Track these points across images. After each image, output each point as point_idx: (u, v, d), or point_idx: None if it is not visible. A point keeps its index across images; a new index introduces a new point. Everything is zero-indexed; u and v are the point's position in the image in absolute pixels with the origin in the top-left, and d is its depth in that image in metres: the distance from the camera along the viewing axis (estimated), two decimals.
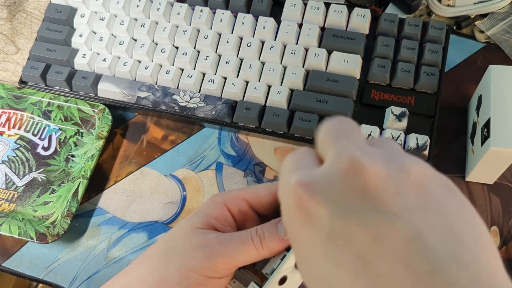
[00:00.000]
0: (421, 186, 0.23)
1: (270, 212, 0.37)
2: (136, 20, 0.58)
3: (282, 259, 0.34)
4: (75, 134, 0.56)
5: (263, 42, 0.55)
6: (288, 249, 0.34)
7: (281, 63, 0.54)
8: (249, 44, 0.54)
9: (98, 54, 0.57)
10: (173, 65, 0.55)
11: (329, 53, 0.54)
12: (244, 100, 0.53)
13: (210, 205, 0.36)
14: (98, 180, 0.54)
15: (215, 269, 0.34)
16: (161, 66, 0.56)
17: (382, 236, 0.21)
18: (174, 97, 0.54)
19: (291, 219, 0.24)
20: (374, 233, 0.21)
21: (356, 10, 0.55)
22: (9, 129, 0.56)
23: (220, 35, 0.56)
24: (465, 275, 0.20)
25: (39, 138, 0.56)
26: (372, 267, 0.21)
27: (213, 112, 0.53)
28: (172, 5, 0.57)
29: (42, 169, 0.54)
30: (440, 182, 0.24)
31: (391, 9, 0.60)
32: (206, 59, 0.54)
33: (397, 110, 0.50)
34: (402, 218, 0.21)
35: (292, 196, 0.24)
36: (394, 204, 0.22)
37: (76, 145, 0.55)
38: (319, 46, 0.55)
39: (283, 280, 0.35)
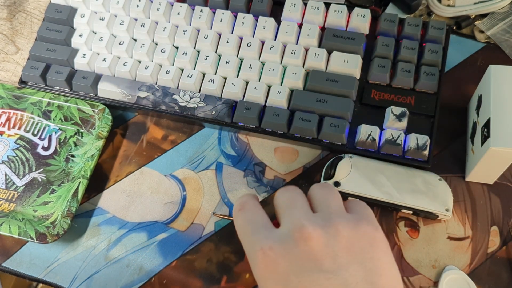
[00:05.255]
0: (349, 246, 0.32)
1: None
2: (136, 20, 0.58)
3: None
4: (75, 134, 0.56)
5: (263, 42, 0.55)
6: None
7: (281, 63, 0.54)
8: (249, 44, 0.54)
9: (98, 54, 0.57)
10: (173, 65, 0.55)
11: (329, 53, 0.54)
12: (244, 100, 0.53)
13: None
14: (98, 180, 0.54)
15: None
16: (161, 66, 0.56)
17: (319, 284, 0.30)
18: (174, 97, 0.54)
19: (260, 273, 0.33)
20: (318, 286, 0.30)
21: (356, 10, 0.55)
22: (9, 129, 0.56)
23: (220, 35, 0.56)
24: None
25: (39, 138, 0.56)
26: None
27: (213, 112, 0.53)
28: (172, 5, 0.57)
29: (42, 169, 0.54)
30: (367, 240, 0.32)
31: (391, 9, 0.60)
32: (206, 59, 0.54)
33: (397, 110, 0.50)
34: (335, 274, 0.30)
35: (261, 256, 0.32)
36: (330, 264, 0.31)
37: (76, 145, 0.55)
38: (319, 46, 0.55)
39: None
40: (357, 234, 0.32)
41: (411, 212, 0.49)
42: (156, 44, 0.56)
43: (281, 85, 0.53)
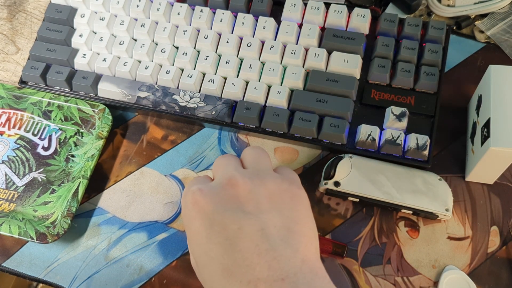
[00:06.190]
0: (271, 196, 0.36)
1: None
2: (136, 20, 0.58)
3: None
4: (75, 134, 0.56)
5: (263, 42, 0.55)
6: None
7: (281, 63, 0.54)
8: (249, 44, 0.54)
9: (98, 54, 0.57)
10: (173, 65, 0.55)
11: (329, 53, 0.54)
12: (244, 100, 0.53)
13: None
14: (98, 180, 0.54)
15: None
16: (161, 66, 0.56)
17: (243, 227, 0.34)
18: (174, 97, 0.54)
19: (187, 212, 0.36)
20: (238, 225, 0.34)
21: (356, 10, 0.55)
22: (9, 129, 0.56)
23: (220, 35, 0.56)
24: (295, 254, 0.33)
25: (39, 138, 0.56)
26: (235, 245, 0.33)
27: (213, 112, 0.53)
28: (172, 5, 0.57)
29: (42, 169, 0.54)
30: (288, 194, 0.36)
31: (391, 9, 0.60)
32: (206, 59, 0.54)
33: (397, 110, 0.50)
34: (256, 216, 0.34)
35: (191, 196, 0.36)
36: (252, 207, 0.35)
37: (76, 145, 0.55)
38: (319, 46, 0.55)
39: None
40: (280, 188, 0.36)
41: (411, 212, 0.49)
42: (156, 44, 0.56)
43: (281, 85, 0.53)
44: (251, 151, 0.41)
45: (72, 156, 0.54)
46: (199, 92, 0.54)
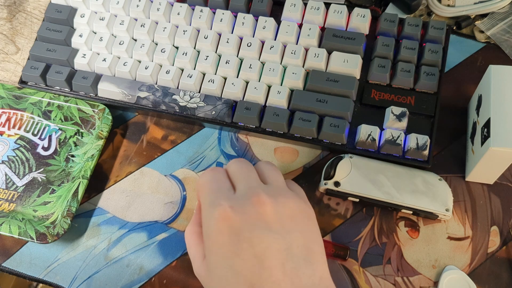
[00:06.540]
0: (293, 216, 0.38)
1: None
2: (136, 20, 0.58)
3: None
4: (75, 134, 0.56)
5: (263, 42, 0.55)
6: None
7: (281, 63, 0.54)
8: (249, 44, 0.54)
9: (98, 54, 0.57)
10: (173, 65, 0.55)
11: (329, 53, 0.54)
12: (244, 100, 0.53)
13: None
14: (98, 180, 0.54)
15: None
16: (161, 66, 0.56)
17: (271, 245, 0.36)
18: (174, 97, 0.54)
19: (215, 227, 0.38)
20: (266, 243, 0.36)
21: (356, 10, 0.55)
22: (9, 129, 0.56)
23: (220, 35, 0.56)
24: (314, 272, 0.36)
25: (39, 138, 0.56)
26: (262, 262, 0.35)
27: (213, 112, 0.53)
28: (172, 5, 0.57)
29: (42, 169, 0.54)
30: (305, 214, 0.39)
31: (391, 9, 0.60)
32: (206, 59, 0.54)
33: (397, 110, 0.50)
34: (282, 236, 0.37)
35: (221, 212, 0.38)
36: (278, 227, 0.37)
37: (76, 145, 0.55)
38: (319, 46, 0.55)
39: None
40: (299, 208, 0.39)
41: (411, 212, 0.49)
42: (156, 44, 0.56)
43: (281, 85, 0.53)
44: (268, 166, 0.43)
45: (72, 156, 0.54)
46: (199, 92, 0.54)
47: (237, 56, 0.55)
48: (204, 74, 0.55)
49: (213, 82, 0.53)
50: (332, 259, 0.48)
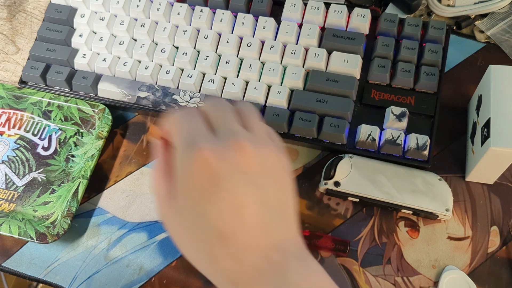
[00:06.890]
0: (272, 169, 0.37)
1: None
2: (136, 20, 0.58)
3: None
4: (75, 134, 0.56)
5: (263, 42, 0.55)
6: None
7: (281, 63, 0.54)
8: (249, 44, 0.54)
9: (98, 54, 0.57)
10: (173, 65, 0.55)
11: (329, 53, 0.54)
12: (244, 100, 0.53)
13: None
14: (98, 180, 0.54)
15: None
16: (161, 66, 0.56)
17: (248, 196, 0.35)
18: (174, 97, 0.54)
19: (191, 168, 0.35)
20: (244, 194, 0.35)
21: (356, 10, 0.55)
22: (9, 129, 0.56)
23: (220, 35, 0.56)
24: (288, 227, 0.36)
25: (39, 138, 0.56)
26: (237, 211, 0.34)
27: None
28: (172, 5, 0.57)
29: (42, 169, 0.54)
30: (284, 169, 0.38)
31: (391, 9, 0.60)
32: (206, 59, 0.54)
33: (397, 110, 0.50)
34: (259, 188, 0.35)
35: (199, 154, 0.35)
36: (256, 178, 0.35)
37: (76, 145, 0.55)
38: (319, 46, 0.55)
39: None
40: (279, 162, 0.37)
41: (411, 212, 0.49)
42: (156, 44, 0.56)
43: (281, 85, 0.53)
44: (249, 110, 0.41)
45: (72, 156, 0.54)
46: (199, 92, 0.54)
47: (237, 56, 0.55)
48: (204, 74, 0.55)
49: (213, 82, 0.53)
50: (333, 253, 0.48)
